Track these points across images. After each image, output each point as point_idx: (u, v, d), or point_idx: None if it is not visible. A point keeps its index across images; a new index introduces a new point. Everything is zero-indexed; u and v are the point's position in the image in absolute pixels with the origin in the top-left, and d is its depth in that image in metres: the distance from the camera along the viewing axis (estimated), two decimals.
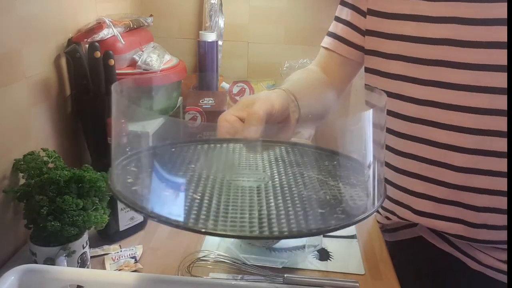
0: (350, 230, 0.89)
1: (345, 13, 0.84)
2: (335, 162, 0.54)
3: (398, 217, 0.82)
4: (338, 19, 0.85)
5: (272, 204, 0.41)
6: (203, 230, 0.38)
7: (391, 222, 0.87)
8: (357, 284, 0.71)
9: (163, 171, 0.48)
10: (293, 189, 0.45)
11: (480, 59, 0.66)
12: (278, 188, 0.45)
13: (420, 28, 0.70)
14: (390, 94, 0.76)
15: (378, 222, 0.92)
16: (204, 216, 0.39)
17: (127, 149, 0.51)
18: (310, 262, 0.78)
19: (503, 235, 0.73)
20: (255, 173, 0.49)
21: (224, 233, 0.37)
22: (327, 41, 0.87)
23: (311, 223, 0.39)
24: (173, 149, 0.57)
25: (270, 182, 0.46)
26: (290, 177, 0.48)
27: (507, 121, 0.67)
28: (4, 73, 0.74)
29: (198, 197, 0.43)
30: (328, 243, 0.83)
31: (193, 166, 0.51)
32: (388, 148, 0.79)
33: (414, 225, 0.83)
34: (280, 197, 0.43)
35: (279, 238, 0.44)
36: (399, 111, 0.75)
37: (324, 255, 0.80)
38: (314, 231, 0.41)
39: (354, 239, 0.86)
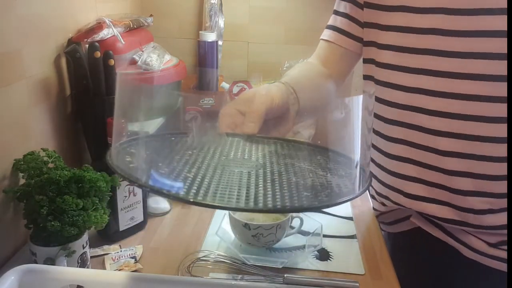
0: (350, 230, 0.89)
1: (343, 6, 0.87)
2: (326, 157, 0.57)
3: (392, 201, 0.85)
4: (336, 13, 0.89)
5: (261, 185, 0.44)
6: (191, 199, 0.40)
7: (386, 209, 0.89)
8: (357, 284, 0.71)
9: (161, 153, 0.52)
10: (283, 175, 0.48)
11: (466, 47, 0.68)
12: (269, 174, 0.48)
13: (410, 19, 0.73)
14: (382, 83, 0.79)
15: (375, 209, 0.94)
16: (195, 190, 0.42)
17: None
18: (310, 262, 0.78)
19: (490, 219, 0.75)
20: (248, 162, 0.52)
21: (211, 203, 0.40)
22: (326, 34, 0.89)
23: (295, 203, 0.42)
24: (173, 138, 0.61)
25: (261, 169, 0.49)
26: (282, 167, 0.51)
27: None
28: (4, 73, 0.74)
29: (191, 176, 0.45)
30: (328, 243, 0.83)
31: (190, 152, 0.54)
32: (379, 134, 0.82)
33: (409, 216, 0.85)
34: (269, 181, 0.46)
35: (263, 211, 0.48)
36: (390, 98, 0.78)
37: (324, 255, 0.80)
38: (297, 207, 0.44)
39: (354, 239, 0.86)
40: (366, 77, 0.85)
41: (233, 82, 1.32)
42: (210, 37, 1.25)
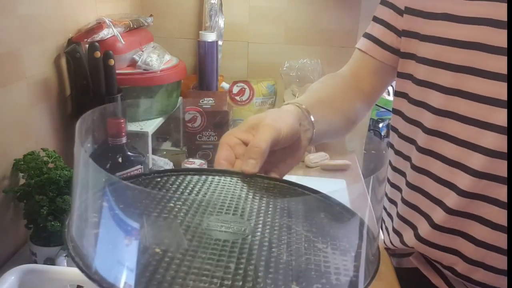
0: None
1: (383, 12, 0.76)
2: (331, 216, 0.46)
3: (401, 240, 0.76)
4: (375, 19, 0.78)
5: (241, 271, 0.35)
6: None
7: (393, 248, 0.80)
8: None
9: (130, 212, 0.41)
10: (273, 250, 0.39)
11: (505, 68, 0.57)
12: (256, 247, 0.39)
13: (450, 29, 0.63)
14: (413, 101, 0.70)
15: (385, 245, 0.83)
16: (156, 283, 0.33)
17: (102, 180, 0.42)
18: None
19: (500, 281, 0.64)
20: (237, 221, 0.43)
21: None
22: (361, 42, 0.79)
23: None
24: (158, 179, 0.50)
25: (249, 236, 0.40)
26: (275, 232, 0.42)
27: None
28: (4, 73, 0.74)
29: (160, 252, 0.36)
30: None
31: (171, 205, 0.44)
32: (407, 158, 0.73)
33: (411, 253, 0.76)
34: (253, 261, 0.37)
35: None
36: (420, 119, 0.69)
37: None
38: None
39: None
40: (399, 94, 0.74)
41: (233, 82, 1.32)
42: (210, 37, 1.25)
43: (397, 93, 0.75)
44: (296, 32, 1.39)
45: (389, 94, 1.73)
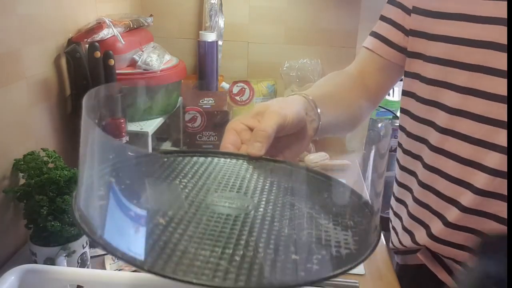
0: None
1: (390, 11, 0.77)
2: (334, 195, 0.48)
3: (412, 239, 0.76)
4: (383, 18, 0.79)
5: (242, 242, 0.36)
6: (146, 269, 0.32)
7: (403, 248, 0.80)
8: (357, 284, 0.71)
9: (139, 185, 0.42)
10: (275, 224, 0.40)
11: None
12: (258, 221, 0.40)
13: (465, 29, 0.63)
14: (423, 100, 0.71)
15: (393, 245, 0.83)
16: (158, 251, 0.34)
17: (111, 157, 0.44)
18: None
19: None
20: (241, 198, 0.44)
21: (171, 275, 0.32)
22: (368, 41, 0.80)
23: (275, 273, 0.34)
24: (165, 159, 0.51)
25: (252, 212, 0.42)
26: (278, 208, 0.43)
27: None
28: (4, 73, 0.74)
29: (164, 223, 0.38)
30: None
31: (177, 182, 0.46)
32: (420, 159, 0.73)
33: (418, 250, 0.76)
34: (255, 234, 0.38)
35: None
36: (432, 119, 0.69)
37: None
38: (274, 286, 0.34)
39: None
40: (406, 93, 0.75)
41: (233, 82, 1.32)
42: (210, 37, 1.25)
43: (404, 93, 0.75)
44: (296, 32, 1.39)
45: (388, 95, 1.73)
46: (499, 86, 0.60)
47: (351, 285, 0.71)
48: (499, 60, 0.59)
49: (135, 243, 0.35)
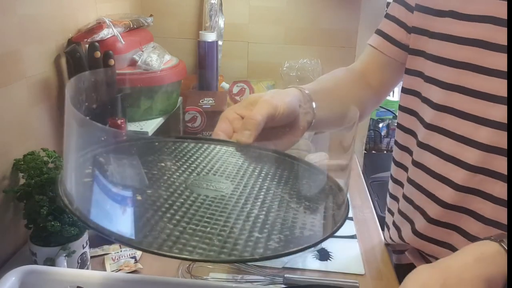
0: (350, 230, 0.89)
1: (395, 9, 0.78)
2: (312, 182, 0.51)
3: (399, 235, 0.77)
4: (387, 16, 0.79)
5: (212, 221, 0.40)
6: (135, 245, 0.37)
7: (393, 243, 0.81)
8: (357, 284, 0.71)
9: (122, 166, 0.45)
10: (247, 206, 0.43)
11: (505, 65, 0.59)
12: (231, 202, 0.43)
13: (455, 26, 0.64)
14: (418, 95, 0.72)
15: (385, 240, 0.86)
16: (141, 224, 0.38)
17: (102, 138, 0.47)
18: (310, 262, 0.78)
19: None
20: (220, 181, 0.47)
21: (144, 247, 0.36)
22: (372, 38, 0.81)
23: (238, 247, 0.37)
24: (156, 143, 0.54)
25: (228, 194, 0.44)
26: (253, 192, 0.46)
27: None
28: (4, 73, 0.74)
29: (140, 198, 0.41)
30: (328, 243, 0.83)
31: (162, 164, 0.48)
32: (409, 151, 0.74)
33: (406, 250, 0.78)
34: (225, 214, 0.41)
35: (195, 260, 0.40)
36: (422, 115, 0.71)
37: (324, 255, 0.80)
38: (232, 259, 0.38)
39: (354, 239, 0.86)
40: (407, 91, 0.75)
41: (233, 82, 1.32)
42: (210, 37, 1.25)
43: (404, 90, 0.76)
44: (296, 32, 1.39)
45: (388, 95, 1.73)
46: (484, 83, 0.61)
47: (351, 285, 0.71)
48: (485, 58, 0.60)
49: (121, 221, 0.39)
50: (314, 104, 0.62)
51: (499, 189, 0.61)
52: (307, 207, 0.45)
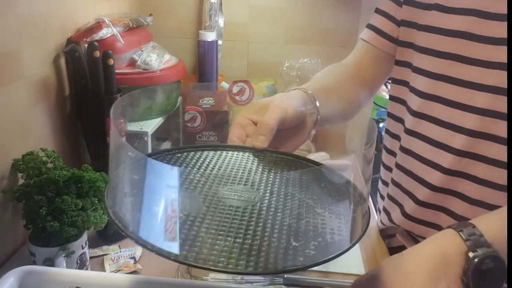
0: None
1: (384, 4, 0.81)
2: (331, 185, 0.53)
3: (389, 218, 0.81)
4: (377, 11, 0.83)
5: (250, 232, 0.42)
6: (173, 258, 0.39)
7: (384, 227, 0.85)
8: None
9: (154, 184, 0.47)
10: (278, 214, 0.45)
11: (491, 56, 0.62)
12: (264, 212, 0.45)
13: (440, 19, 0.68)
14: (407, 85, 0.75)
15: (378, 226, 0.90)
16: (181, 240, 0.40)
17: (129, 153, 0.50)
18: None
19: None
20: (248, 190, 0.49)
21: (194, 264, 0.38)
22: (364, 33, 0.84)
23: (278, 259, 0.39)
24: (179, 155, 0.57)
25: (258, 203, 0.47)
26: (280, 199, 0.48)
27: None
28: (3, 72, 0.74)
29: (183, 216, 0.43)
30: None
31: (191, 177, 0.51)
32: (398, 138, 0.78)
33: (395, 234, 0.80)
34: (261, 224, 0.43)
35: (242, 273, 0.44)
36: (409, 104, 0.74)
37: None
38: (273, 270, 0.41)
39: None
40: (396, 81, 0.79)
41: (233, 82, 1.32)
42: (210, 36, 1.24)
43: (394, 81, 0.80)
44: (296, 32, 1.39)
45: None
46: (469, 72, 0.64)
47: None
48: (469, 49, 0.64)
49: (161, 234, 0.41)
50: (317, 104, 0.66)
51: (483, 171, 0.65)
52: (331, 212, 0.47)
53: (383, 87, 1.77)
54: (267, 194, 0.48)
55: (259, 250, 0.39)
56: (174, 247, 0.39)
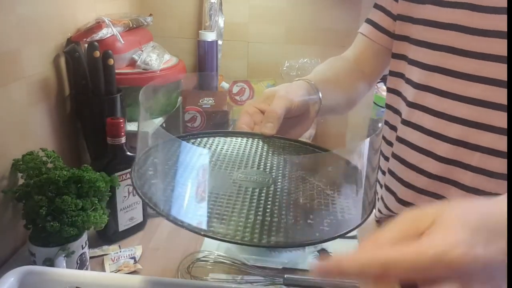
0: None
1: None
2: (338, 169, 0.56)
3: (385, 206, 0.83)
4: (375, 6, 0.85)
5: (268, 211, 0.45)
6: (202, 233, 0.42)
7: (381, 215, 0.87)
8: (357, 284, 0.70)
9: (175, 166, 0.51)
10: (292, 195, 0.49)
11: (484, 48, 0.64)
12: (278, 193, 0.49)
13: (436, 12, 0.69)
14: (403, 77, 0.77)
15: (376, 216, 0.92)
16: (206, 217, 0.43)
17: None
18: (310, 262, 0.78)
19: None
20: (261, 174, 0.52)
21: (212, 235, 0.41)
22: (363, 27, 0.87)
23: (296, 234, 0.43)
24: (193, 140, 0.60)
25: (272, 186, 0.50)
26: (292, 182, 0.51)
27: (507, 121, 0.64)
28: (3, 72, 0.74)
29: (205, 196, 0.46)
30: (328, 244, 0.83)
31: (213, 160, 0.54)
32: (394, 128, 0.80)
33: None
34: (277, 204, 0.46)
35: (260, 246, 0.45)
36: (404, 93, 0.76)
37: (324, 255, 0.80)
38: (292, 243, 0.45)
39: (354, 239, 0.86)
40: (393, 73, 0.81)
41: (233, 82, 1.32)
42: (210, 36, 1.24)
43: (391, 73, 0.82)
44: (296, 31, 1.39)
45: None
46: (463, 64, 0.66)
47: (351, 285, 0.70)
48: (463, 41, 0.66)
49: (187, 211, 0.45)
50: (320, 94, 0.69)
51: (477, 160, 0.67)
52: (339, 193, 0.51)
53: (383, 87, 1.77)
54: (279, 177, 0.52)
55: (278, 226, 0.42)
56: (203, 224, 0.42)
